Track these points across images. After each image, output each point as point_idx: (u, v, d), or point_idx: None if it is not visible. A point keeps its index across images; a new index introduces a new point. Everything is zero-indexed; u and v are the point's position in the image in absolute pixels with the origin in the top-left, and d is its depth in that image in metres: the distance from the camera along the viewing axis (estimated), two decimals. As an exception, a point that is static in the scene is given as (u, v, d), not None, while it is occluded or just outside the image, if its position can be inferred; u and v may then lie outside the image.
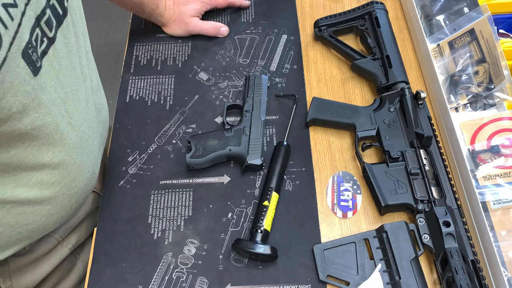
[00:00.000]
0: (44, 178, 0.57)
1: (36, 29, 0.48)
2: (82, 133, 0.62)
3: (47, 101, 0.52)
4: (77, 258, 0.77)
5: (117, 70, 0.92)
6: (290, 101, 0.84)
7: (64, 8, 0.55)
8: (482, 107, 0.82)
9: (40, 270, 0.69)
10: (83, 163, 0.63)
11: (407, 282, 0.63)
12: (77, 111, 0.60)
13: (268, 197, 0.70)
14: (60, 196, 0.61)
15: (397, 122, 0.77)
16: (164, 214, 0.73)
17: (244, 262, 0.68)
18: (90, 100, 0.65)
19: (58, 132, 0.56)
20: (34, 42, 0.48)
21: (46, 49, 0.51)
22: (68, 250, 0.73)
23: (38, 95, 0.50)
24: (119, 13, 2.27)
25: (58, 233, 0.71)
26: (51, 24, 0.51)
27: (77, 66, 0.60)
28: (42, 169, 0.56)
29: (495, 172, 0.72)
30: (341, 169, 0.77)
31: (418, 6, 0.91)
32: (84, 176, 0.64)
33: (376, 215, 0.72)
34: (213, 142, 0.76)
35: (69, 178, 0.61)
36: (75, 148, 0.60)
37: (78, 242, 0.75)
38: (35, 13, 0.48)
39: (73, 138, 0.59)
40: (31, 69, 0.48)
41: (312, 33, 0.93)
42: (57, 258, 0.71)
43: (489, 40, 0.79)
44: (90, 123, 0.64)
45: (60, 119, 0.56)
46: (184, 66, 0.90)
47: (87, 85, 0.64)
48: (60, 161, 0.58)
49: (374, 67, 0.83)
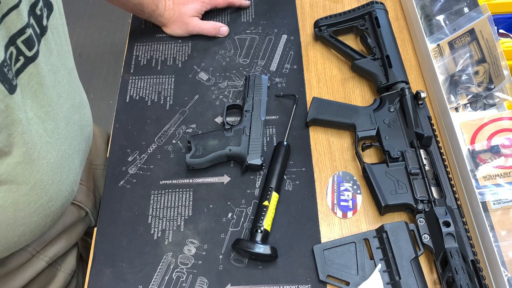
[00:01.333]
0: (20, 199, 0.55)
1: (10, 47, 0.48)
2: (63, 152, 0.60)
3: (24, 120, 0.51)
4: (57, 269, 0.74)
5: (117, 70, 0.92)
6: (290, 101, 0.84)
7: (43, 26, 0.54)
8: (482, 107, 0.82)
9: (12, 283, 0.66)
10: (62, 182, 0.61)
11: (407, 282, 0.63)
12: (57, 130, 0.58)
13: (268, 197, 0.70)
14: (35, 216, 0.59)
15: (397, 122, 0.77)
16: (164, 214, 0.73)
17: (244, 262, 0.68)
18: (71, 119, 0.63)
19: (35, 151, 0.54)
20: (8, 60, 0.47)
21: (21, 68, 0.50)
22: (45, 263, 0.70)
23: (14, 113, 0.49)
24: (119, 13, 2.27)
25: (32, 246, 0.68)
26: (31, 43, 0.51)
27: (58, 85, 0.59)
28: (17, 190, 0.54)
29: (495, 172, 0.72)
30: (341, 169, 0.77)
31: (418, 6, 0.91)
32: (61, 196, 0.62)
33: (376, 215, 0.72)
34: (213, 142, 0.76)
35: (46, 198, 0.59)
36: (54, 168, 0.58)
37: (57, 255, 0.72)
38: (8, 32, 0.47)
39: (52, 158, 0.58)
40: (6, 87, 0.47)
41: (312, 33, 0.93)
42: (32, 271, 0.68)
43: (489, 40, 0.79)
44: (71, 141, 0.63)
45: (37, 139, 0.54)
46: (184, 66, 0.90)
47: (69, 103, 0.63)
48: (37, 181, 0.56)
49: (374, 67, 0.83)
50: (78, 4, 2.21)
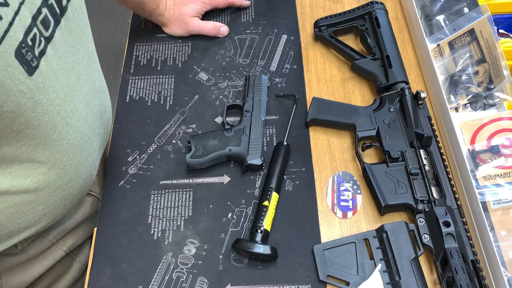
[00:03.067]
0: (40, 178, 0.57)
1: (33, 29, 0.48)
2: (82, 134, 0.61)
3: (44, 101, 0.52)
4: (73, 259, 0.76)
5: (117, 70, 0.92)
6: (290, 101, 0.84)
7: (62, 7, 0.54)
8: (482, 107, 0.82)
9: (32, 270, 0.68)
10: (81, 164, 0.62)
11: (407, 282, 0.63)
12: (76, 112, 0.59)
13: (268, 197, 0.70)
14: (55, 196, 0.60)
15: (397, 122, 0.77)
16: (164, 214, 0.73)
17: (244, 262, 0.68)
18: (91, 102, 0.64)
19: (55, 132, 0.55)
20: (30, 41, 0.48)
21: (44, 49, 0.51)
22: (63, 252, 0.72)
23: (35, 95, 0.50)
24: (119, 13, 2.27)
25: (52, 235, 0.70)
26: (47, 23, 0.51)
27: (77, 67, 0.60)
28: (38, 168, 0.56)
29: (495, 172, 0.72)
30: (341, 169, 0.77)
31: (418, 6, 0.91)
32: (80, 178, 0.63)
33: (376, 215, 0.72)
34: (213, 142, 0.76)
35: (65, 178, 0.60)
36: (73, 149, 0.60)
37: (75, 244, 0.75)
38: (31, 12, 0.48)
39: (71, 139, 0.59)
40: (25, 68, 0.47)
41: (312, 33, 0.93)
42: (51, 260, 0.71)
43: (489, 40, 0.79)
44: (90, 124, 0.64)
45: (58, 120, 0.55)
46: (184, 66, 0.90)
47: (89, 86, 0.63)
48: (57, 160, 0.58)
49: (374, 67, 0.83)
50: (78, 4, 2.18)
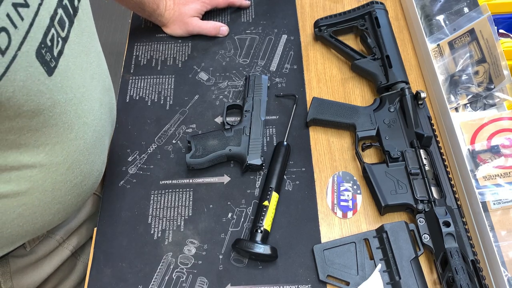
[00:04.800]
0: (58, 178, 0.57)
1: (51, 29, 0.49)
2: (97, 133, 0.62)
3: (62, 101, 0.52)
4: (77, 259, 0.77)
5: (117, 70, 0.92)
6: (290, 101, 0.84)
7: (75, 7, 0.55)
8: (482, 107, 0.82)
9: (41, 271, 0.69)
10: (95, 162, 0.63)
11: (407, 282, 0.63)
12: (92, 111, 0.60)
13: (268, 197, 0.70)
14: (70, 195, 0.61)
15: (397, 122, 0.77)
16: (164, 214, 0.73)
17: (244, 262, 0.68)
18: (103, 100, 0.65)
19: (73, 132, 0.56)
20: (49, 42, 0.48)
21: (62, 49, 0.51)
22: (69, 252, 0.73)
23: (54, 95, 0.50)
24: (119, 13, 2.27)
25: (59, 235, 0.71)
26: (63, 24, 0.52)
27: (90, 66, 0.60)
28: (56, 169, 0.56)
29: (495, 172, 0.72)
30: (341, 169, 0.77)
31: (418, 6, 0.91)
32: (93, 176, 0.64)
33: (376, 215, 0.72)
34: (213, 142, 0.76)
35: (80, 177, 0.61)
36: (89, 148, 0.60)
37: (79, 244, 0.75)
38: (49, 13, 0.48)
39: (88, 138, 0.60)
40: (45, 69, 0.48)
41: (312, 33, 0.93)
42: (58, 260, 0.72)
43: (489, 40, 0.79)
44: (103, 123, 0.64)
45: (75, 119, 0.56)
46: (184, 66, 0.90)
47: (101, 85, 0.64)
48: (74, 160, 0.58)
49: (374, 67, 0.83)
50: (78, 4, 2.18)
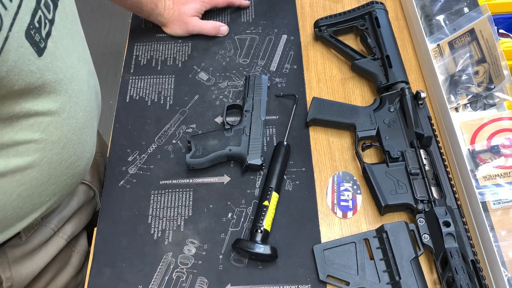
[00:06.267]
0: (53, 158, 0.58)
1: (38, 11, 0.50)
2: (87, 113, 0.63)
3: (53, 81, 0.54)
4: (72, 250, 0.77)
5: (117, 70, 0.92)
6: (290, 101, 0.84)
7: None
8: (482, 107, 0.82)
9: (38, 260, 0.69)
10: (87, 142, 0.64)
11: (407, 282, 0.63)
12: (81, 91, 0.61)
13: (268, 197, 0.70)
14: (65, 175, 0.62)
15: (397, 122, 0.77)
16: (164, 214, 0.73)
17: (244, 262, 0.68)
18: (90, 82, 0.66)
19: (64, 111, 0.57)
20: (37, 23, 0.49)
21: (49, 31, 0.52)
22: (64, 241, 0.73)
23: (44, 75, 0.51)
24: (119, 13, 2.27)
25: (53, 223, 0.71)
26: (48, 6, 0.53)
27: (76, 49, 0.61)
28: (51, 148, 0.57)
29: (495, 172, 0.72)
30: (341, 169, 0.77)
31: (418, 6, 0.91)
32: (86, 156, 0.65)
33: (376, 215, 0.72)
34: (213, 142, 0.76)
35: (74, 157, 0.62)
36: (81, 127, 0.62)
37: (73, 234, 0.76)
38: None
39: (79, 118, 0.61)
40: (35, 49, 0.49)
41: (312, 33, 0.93)
42: (53, 249, 0.72)
43: (489, 40, 0.79)
44: (92, 104, 0.66)
45: (66, 99, 0.57)
46: (184, 66, 0.90)
47: (87, 68, 0.65)
48: (68, 139, 0.59)
49: (374, 67, 0.83)
50: (78, 4, 2.21)
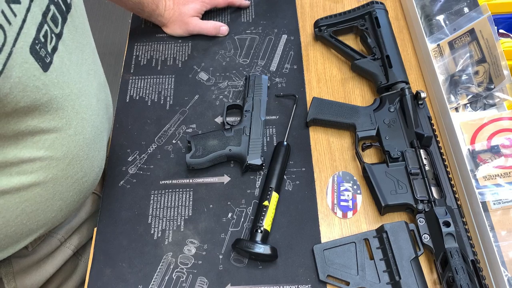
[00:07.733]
0: (59, 174, 0.58)
1: (44, 25, 0.49)
2: (96, 129, 0.63)
3: (59, 97, 0.53)
4: (79, 259, 0.77)
5: (117, 70, 0.92)
6: (290, 101, 0.84)
7: (68, 4, 0.55)
8: (482, 107, 0.82)
9: (43, 271, 0.69)
10: (95, 158, 0.63)
11: (407, 282, 0.63)
12: (90, 106, 0.60)
13: (268, 197, 0.70)
14: (72, 191, 0.61)
15: (397, 122, 0.77)
16: (164, 214, 0.73)
17: (244, 262, 0.68)
18: (100, 96, 0.65)
19: (71, 127, 0.57)
20: (42, 38, 0.49)
21: (56, 45, 0.52)
22: (71, 251, 0.73)
23: (50, 91, 0.51)
24: (119, 13, 2.27)
25: (61, 234, 0.71)
26: (56, 20, 0.52)
27: (85, 62, 0.61)
28: (57, 165, 0.57)
29: (495, 172, 0.72)
30: (341, 169, 0.77)
31: (418, 6, 0.91)
32: (94, 172, 0.64)
33: (376, 215, 0.72)
34: (213, 142, 0.76)
35: (81, 173, 0.61)
36: (88, 143, 0.61)
37: (80, 244, 0.75)
38: (40, 9, 0.49)
39: (87, 134, 0.60)
40: (40, 64, 0.48)
41: (312, 33, 0.93)
42: (60, 259, 0.72)
43: (489, 40, 0.79)
44: (101, 119, 0.65)
45: (73, 115, 0.56)
46: (184, 66, 0.90)
47: (97, 81, 0.64)
48: (74, 156, 0.59)
49: (374, 67, 0.83)
50: (78, 4, 2.19)
